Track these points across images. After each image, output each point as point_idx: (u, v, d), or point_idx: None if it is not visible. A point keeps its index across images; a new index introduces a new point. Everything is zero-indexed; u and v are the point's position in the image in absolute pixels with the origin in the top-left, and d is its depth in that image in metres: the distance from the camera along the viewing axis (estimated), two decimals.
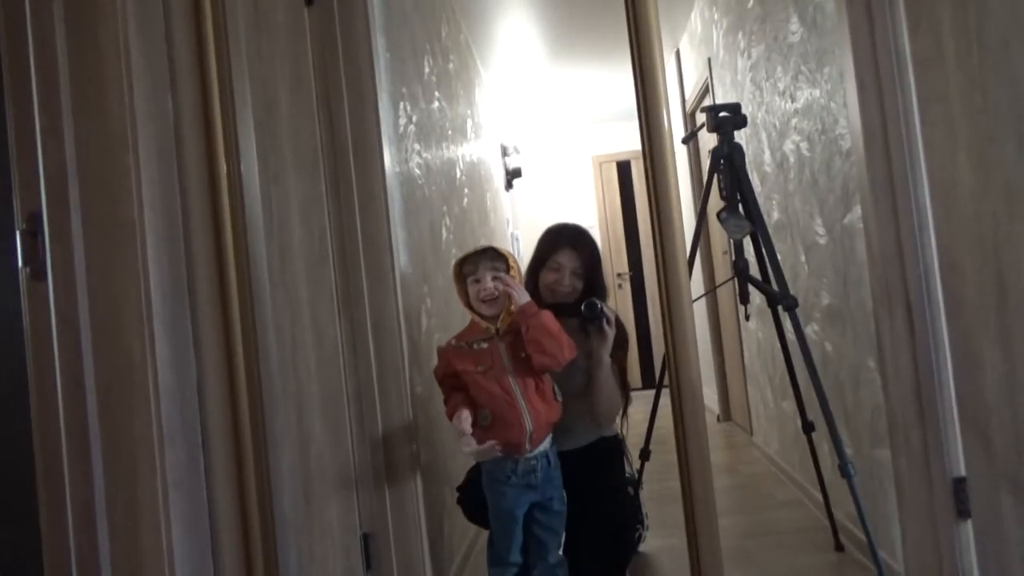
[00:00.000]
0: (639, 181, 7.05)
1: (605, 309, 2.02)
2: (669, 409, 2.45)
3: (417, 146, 2.61)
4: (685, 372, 1.24)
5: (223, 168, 1.03)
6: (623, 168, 7.09)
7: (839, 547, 2.38)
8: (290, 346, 1.97)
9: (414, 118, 2.60)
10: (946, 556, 1.88)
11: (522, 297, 1.95)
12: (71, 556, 0.87)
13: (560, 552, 2.01)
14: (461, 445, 1.90)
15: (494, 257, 2.01)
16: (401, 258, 2.15)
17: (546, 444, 1.98)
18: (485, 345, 1.97)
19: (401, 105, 2.43)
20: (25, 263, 0.90)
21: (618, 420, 2.29)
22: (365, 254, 2.03)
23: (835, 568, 2.27)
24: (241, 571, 0.99)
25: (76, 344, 0.87)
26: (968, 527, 1.87)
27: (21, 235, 0.90)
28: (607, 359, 2.06)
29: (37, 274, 0.88)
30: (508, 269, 2.00)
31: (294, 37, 2.00)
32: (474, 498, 2.28)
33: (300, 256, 1.99)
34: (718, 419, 4.83)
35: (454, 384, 2.00)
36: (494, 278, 1.97)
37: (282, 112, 2.02)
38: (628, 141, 6.93)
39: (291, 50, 2.00)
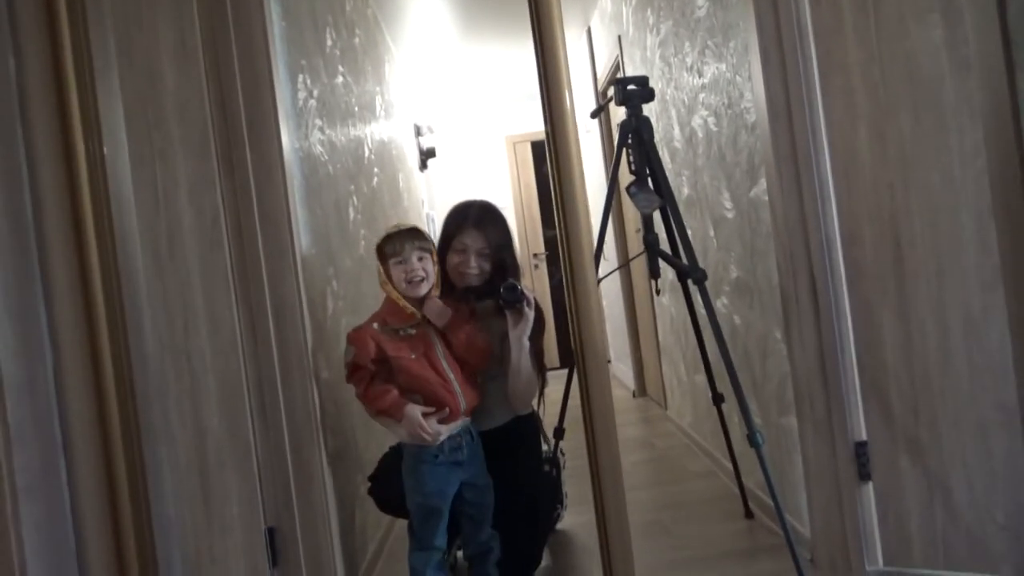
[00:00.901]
0: None
1: (525, 291, 1.97)
2: None
3: (319, 122, 2.49)
4: (590, 349, 1.21)
5: (80, 140, 0.92)
6: (537, 148, 7.06)
7: (749, 514, 2.43)
8: (181, 334, 1.84)
9: (315, 92, 2.48)
10: (849, 517, 1.94)
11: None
12: None
13: (490, 527, 2.03)
14: (422, 435, 1.90)
15: (418, 237, 1.96)
16: (303, 239, 2.04)
17: (467, 421, 2.00)
18: (413, 331, 1.95)
19: (300, 78, 2.31)
20: None
21: (535, 401, 2.27)
22: (263, 235, 1.91)
23: (746, 535, 2.32)
24: None
25: None
26: (869, 489, 1.93)
27: None
28: (526, 343, 2.02)
29: None
30: (432, 250, 1.99)
31: (177, 3, 1.85)
32: (387, 487, 2.21)
33: (190, 239, 1.86)
34: (633, 395, 4.90)
35: (378, 370, 1.94)
36: (420, 259, 1.94)
37: (167, 85, 1.87)
38: (542, 121, 6.89)
39: (175, 17, 1.86)
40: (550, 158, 1.48)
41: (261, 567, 1.87)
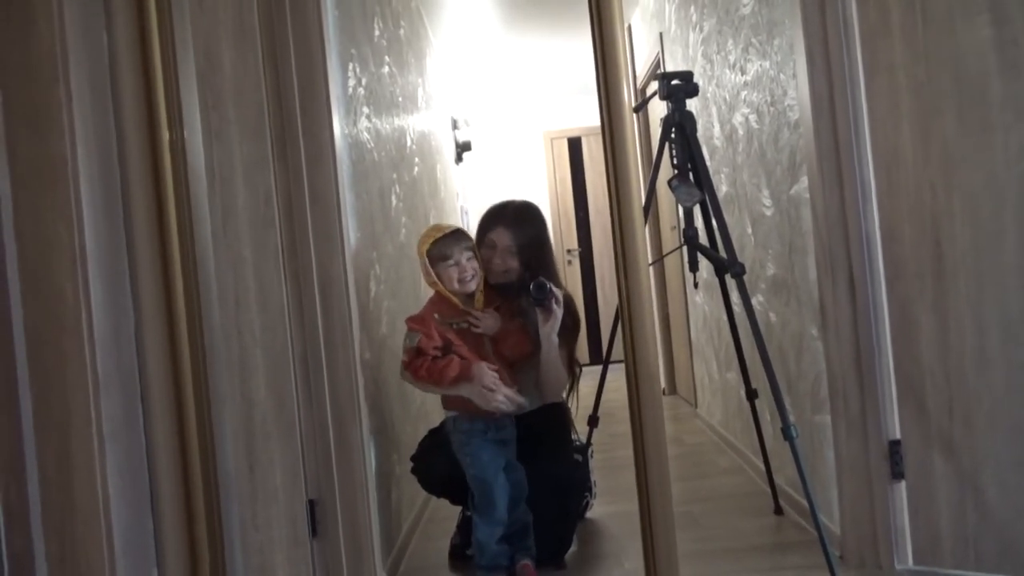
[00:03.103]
0: (589, 158, 7.06)
1: (554, 290, 2.04)
2: (617, 383, 2.50)
3: (366, 110, 2.56)
4: (641, 347, 1.21)
5: (163, 112, 0.98)
6: (574, 144, 7.09)
7: (779, 511, 2.45)
8: (233, 308, 1.92)
9: (363, 81, 2.54)
10: (880, 515, 1.95)
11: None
12: None
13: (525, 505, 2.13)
14: (495, 400, 2.01)
15: (464, 238, 2.10)
16: (349, 222, 2.10)
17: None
18: (465, 325, 2.09)
19: (350, 66, 2.37)
20: None
21: (565, 395, 2.33)
22: (312, 216, 1.98)
23: (774, 530, 2.34)
24: (182, 529, 0.95)
25: (2, 284, 0.82)
26: (902, 488, 1.94)
27: None
28: (555, 339, 2.11)
29: None
30: (475, 248, 2.13)
31: None
32: (429, 467, 2.28)
33: (244, 217, 1.93)
34: (663, 392, 4.91)
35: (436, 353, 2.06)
36: (468, 259, 2.08)
37: (225, 66, 1.94)
38: (580, 117, 6.92)
39: (234, 0, 1.92)
40: (607, 156, 1.45)
41: (302, 537, 1.94)
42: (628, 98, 1.39)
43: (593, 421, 2.48)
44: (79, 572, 0.85)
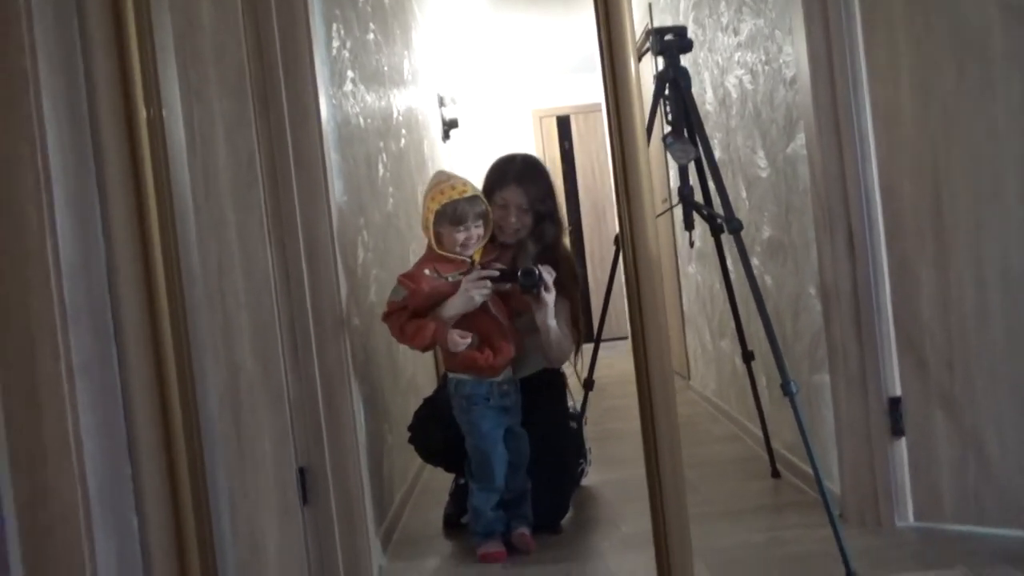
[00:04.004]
0: (578, 136, 7.01)
1: (544, 275, 1.97)
2: (608, 359, 2.49)
3: (351, 74, 2.49)
4: (653, 325, 1.15)
5: (137, 68, 0.91)
6: (563, 123, 7.03)
7: (776, 474, 2.42)
8: (215, 272, 1.86)
9: (348, 44, 2.47)
10: (880, 473, 1.93)
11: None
12: None
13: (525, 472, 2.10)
14: (455, 341, 1.95)
15: (479, 204, 2.02)
16: (336, 185, 2.05)
17: (509, 372, 2.09)
18: (462, 278, 2.01)
19: (334, 27, 2.30)
20: None
21: (572, 358, 2.30)
22: (297, 177, 1.92)
23: (772, 492, 2.32)
24: (161, 470, 0.91)
25: None
26: (902, 445, 1.92)
27: None
28: (551, 322, 2.06)
29: None
30: (488, 213, 2.04)
31: None
32: (426, 436, 2.24)
33: (226, 177, 1.86)
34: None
35: (417, 313, 1.99)
36: (477, 225, 2.01)
37: (204, 24, 1.87)
38: (569, 95, 6.86)
39: None
40: (611, 129, 1.36)
41: (292, 505, 1.89)
42: (637, 71, 1.30)
43: (589, 384, 2.44)
44: (51, 517, 0.80)
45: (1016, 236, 1.71)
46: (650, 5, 4.02)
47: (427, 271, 2.00)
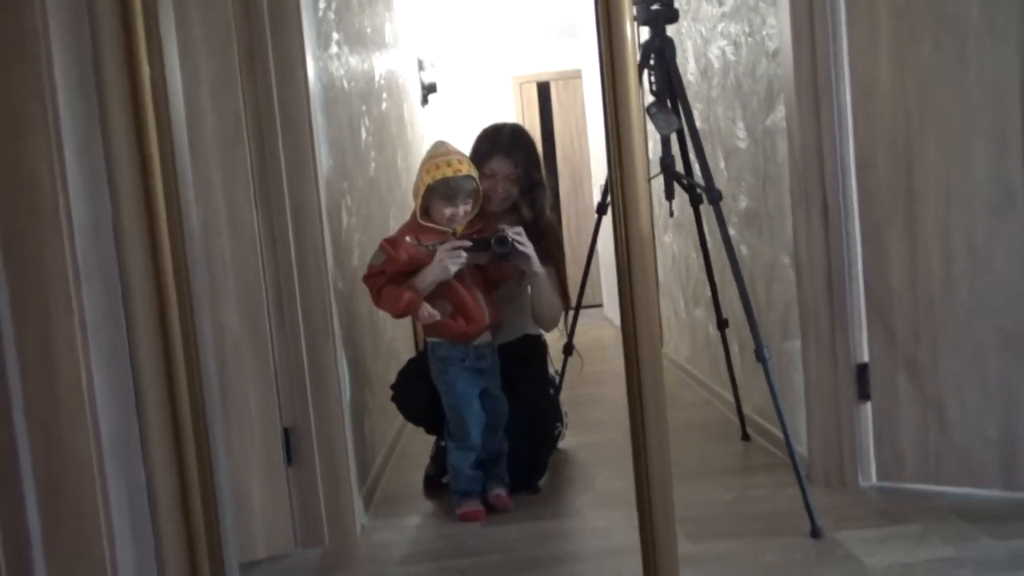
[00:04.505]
0: (558, 103, 6.99)
1: (516, 240, 2.01)
2: (584, 326, 2.54)
3: (336, 35, 2.48)
4: (643, 295, 1.17)
5: (140, 24, 0.92)
6: (543, 89, 7.00)
7: (746, 437, 2.51)
8: (201, 233, 1.86)
9: (333, 5, 2.45)
10: (846, 435, 2.01)
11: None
12: None
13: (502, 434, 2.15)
14: (424, 315, 2.00)
15: (472, 181, 2.05)
16: (321, 148, 2.05)
17: (488, 336, 2.14)
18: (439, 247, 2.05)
19: None
20: None
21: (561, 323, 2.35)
22: (284, 140, 1.92)
23: (742, 454, 2.40)
24: (167, 424, 0.93)
25: None
26: (867, 409, 2.00)
27: None
28: (540, 270, 2.10)
29: None
30: (478, 190, 2.08)
31: None
32: (408, 396, 2.29)
33: (212, 137, 1.86)
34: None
35: (395, 277, 2.04)
36: (466, 203, 2.05)
37: None
38: (549, 62, 6.83)
39: None
40: (605, 96, 1.35)
41: (277, 464, 1.93)
42: (634, 38, 1.30)
43: (569, 349, 2.50)
44: (65, 465, 0.83)
45: (983, 208, 1.78)
46: None
47: (408, 238, 2.03)
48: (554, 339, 2.53)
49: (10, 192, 0.80)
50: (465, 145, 2.30)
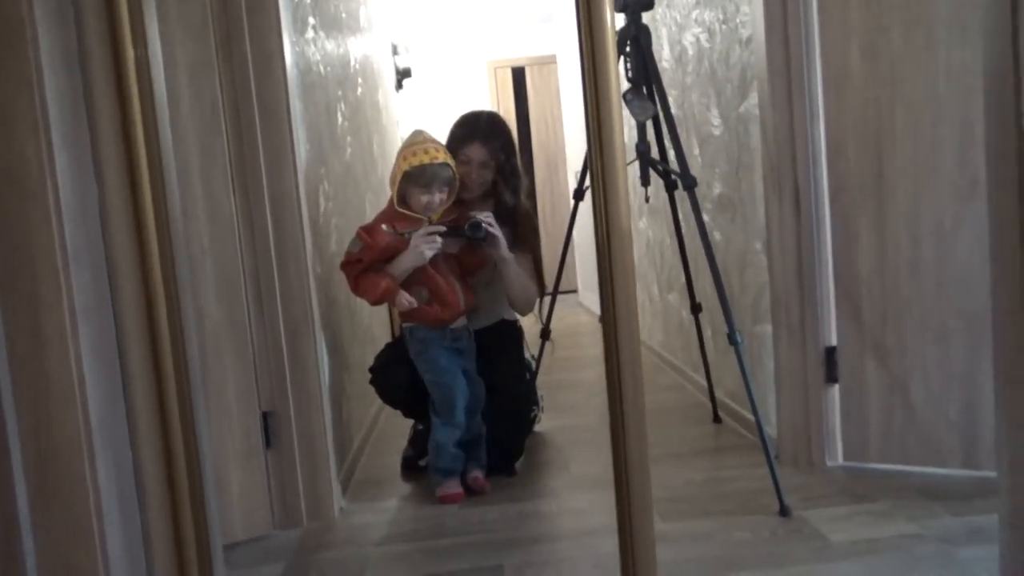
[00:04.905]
0: (533, 89, 7.00)
1: (488, 226, 2.06)
2: (559, 312, 2.57)
3: (312, 20, 2.46)
4: (622, 284, 1.18)
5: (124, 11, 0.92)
6: (518, 74, 7.00)
7: (717, 419, 2.57)
8: (179, 217, 1.85)
9: None
10: (814, 417, 2.07)
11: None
12: None
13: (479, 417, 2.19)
14: (401, 302, 2.06)
15: (448, 169, 2.08)
16: (299, 134, 2.05)
17: (464, 320, 2.19)
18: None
19: None
20: None
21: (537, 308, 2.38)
22: (262, 125, 1.91)
23: (714, 436, 2.46)
24: (153, 406, 0.94)
25: None
26: (835, 391, 2.06)
27: None
28: (508, 256, 2.14)
29: None
30: (454, 177, 2.11)
31: None
32: (386, 379, 2.30)
33: (190, 122, 1.85)
34: (600, 320, 5.01)
35: (371, 263, 2.07)
36: (441, 191, 2.08)
37: None
38: (524, 47, 6.83)
39: None
40: (585, 82, 1.35)
41: (256, 448, 1.94)
42: (613, 23, 1.29)
43: (545, 334, 2.53)
44: (55, 446, 0.84)
45: (949, 194, 1.83)
46: None
47: (384, 226, 2.06)
48: (530, 324, 2.56)
49: None
50: (440, 130, 2.32)
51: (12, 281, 0.81)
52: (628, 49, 2.08)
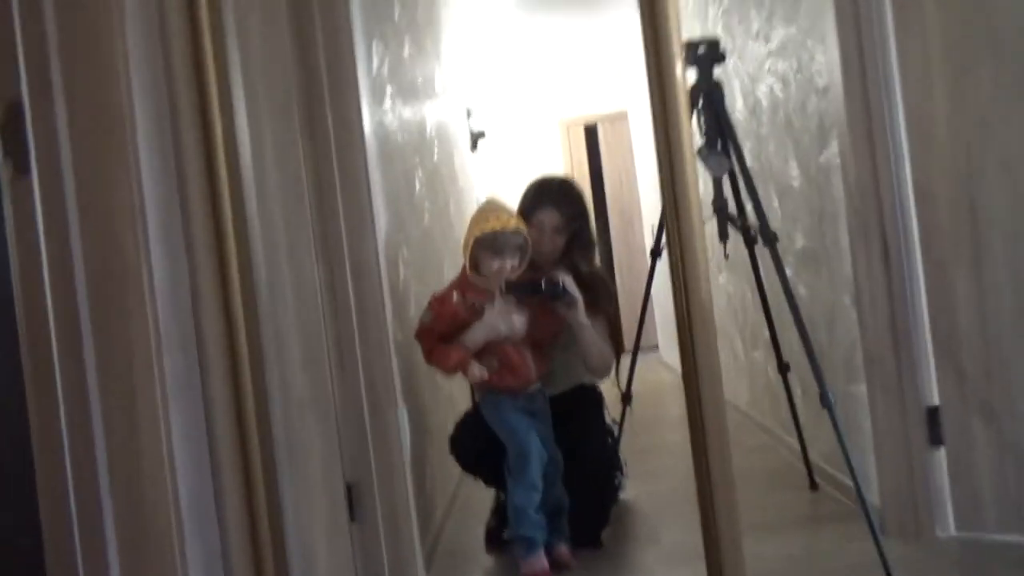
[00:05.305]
0: (606, 145, 7.04)
1: (566, 284, 2.03)
2: (641, 370, 2.52)
3: (390, 89, 2.55)
4: (703, 339, 1.15)
5: (211, 67, 0.97)
6: (590, 131, 7.06)
7: (814, 486, 2.43)
8: (267, 291, 1.91)
9: (386, 60, 2.54)
10: (919, 483, 1.93)
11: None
12: (66, 471, 0.83)
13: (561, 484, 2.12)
14: (473, 373, 2.07)
15: (520, 234, 2.08)
16: (379, 203, 2.10)
17: (538, 384, 2.17)
18: (486, 306, 2.10)
19: (374, 45, 2.37)
20: (6, 155, 0.84)
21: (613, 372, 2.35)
22: (343, 197, 1.97)
23: (811, 504, 2.32)
24: (240, 487, 0.96)
25: (64, 240, 0.82)
26: (941, 454, 1.92)
27: (1, 126, 0.84)
28: (585, 321, 2.12)
29: (20, 167, 0.83)
30: (526, 245, 2.09)
31: None
32: (467, 444, 2.29)
33: (276, 197, 1.92)
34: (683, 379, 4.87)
35: (445, 334, 2.08)
36: (513, 257, 2.07)
37: (255, 44, 1.93)
38: (596, 104, 6.90)
39: None
40: (657, 137, 1.34)
41: (341, 522, 1.93)
42: (683, 73, 1.27)
43: (627, 399, 2.47)
44: (146, 527, 0.85)
45: None
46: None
47: (455, 296, 2.08)
48: (609, 386, 2.51)
49: (98, 263, 0.85)
50: (515, 190, 2.34)
51: (109, 366, 0.84)
52: (701, 104, 2.07)
